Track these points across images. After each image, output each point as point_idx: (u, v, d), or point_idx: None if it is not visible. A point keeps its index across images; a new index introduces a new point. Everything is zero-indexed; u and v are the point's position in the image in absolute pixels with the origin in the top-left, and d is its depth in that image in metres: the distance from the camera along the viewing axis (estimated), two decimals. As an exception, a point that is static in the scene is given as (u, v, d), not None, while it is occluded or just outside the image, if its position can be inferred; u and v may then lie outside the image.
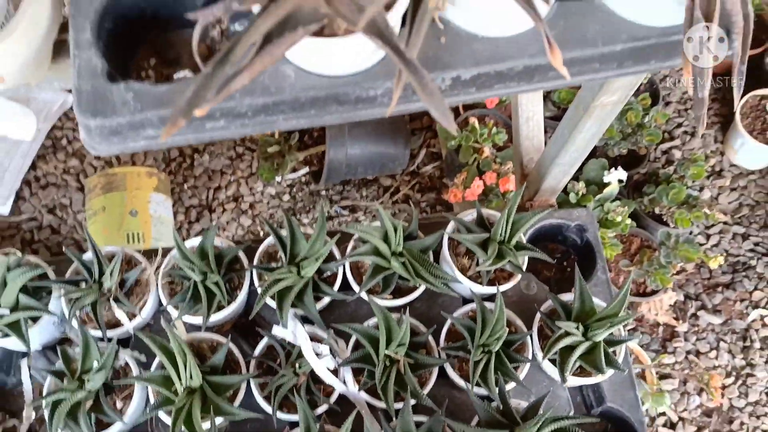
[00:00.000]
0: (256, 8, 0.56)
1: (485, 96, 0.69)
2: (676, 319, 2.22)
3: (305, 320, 1.13)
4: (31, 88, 0.70)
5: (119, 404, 1.09)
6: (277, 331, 1.10)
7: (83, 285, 1.10)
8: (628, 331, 2.19)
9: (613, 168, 1.79)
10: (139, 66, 0.74)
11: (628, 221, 1.86)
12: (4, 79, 0.62)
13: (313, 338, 1.12)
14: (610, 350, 1.12)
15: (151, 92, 0.63)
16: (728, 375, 2.13)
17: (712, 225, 2.26)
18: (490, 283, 1.18)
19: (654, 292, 2.05)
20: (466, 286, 1.17)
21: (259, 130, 0.67)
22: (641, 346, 2.17)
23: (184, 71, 0.74)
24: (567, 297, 1.18)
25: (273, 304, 1.10)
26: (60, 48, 0.73)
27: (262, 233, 2.21)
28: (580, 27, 0.68)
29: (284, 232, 1.15)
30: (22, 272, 1.06)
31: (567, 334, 1.09)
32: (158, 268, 1.15)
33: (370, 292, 1.15)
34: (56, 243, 2.14)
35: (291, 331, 1.10)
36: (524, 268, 1.17)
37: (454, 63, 0.66)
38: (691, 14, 0.62)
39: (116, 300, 1.10)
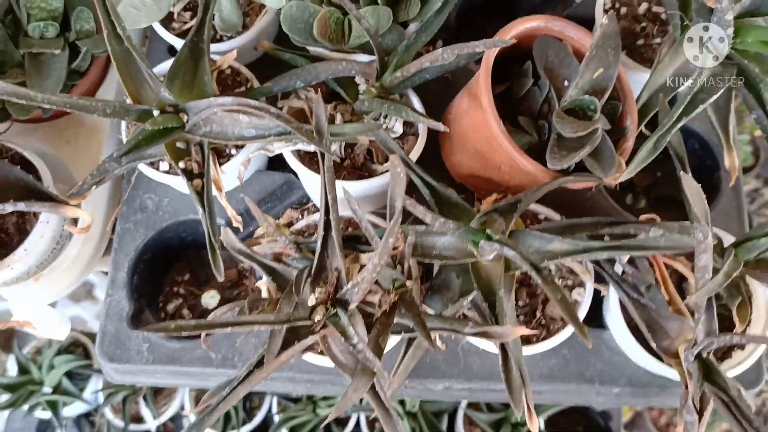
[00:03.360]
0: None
1: (478, 399, 0.71)
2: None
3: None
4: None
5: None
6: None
7: (120, 377, 1.20)
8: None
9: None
10: (173, 280, 0.80)
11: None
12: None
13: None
14: None
15: (164, 347, 0.69)
16: None
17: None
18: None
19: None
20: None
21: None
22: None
23: (212, 292, 0.80)
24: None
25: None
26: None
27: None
28: (582, 361, 0.68)
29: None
30: (68, 360, 1.17)
31: None
32: (189, 375, 1.22)
33: (377, 442, 1.19)
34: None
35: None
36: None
37: (449, 374, 0.68)
38: (686, 400, 0.61)
39: (145, 398, 1.19)
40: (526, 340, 0.64)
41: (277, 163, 0.77)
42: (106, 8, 0.59)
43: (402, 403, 1.15)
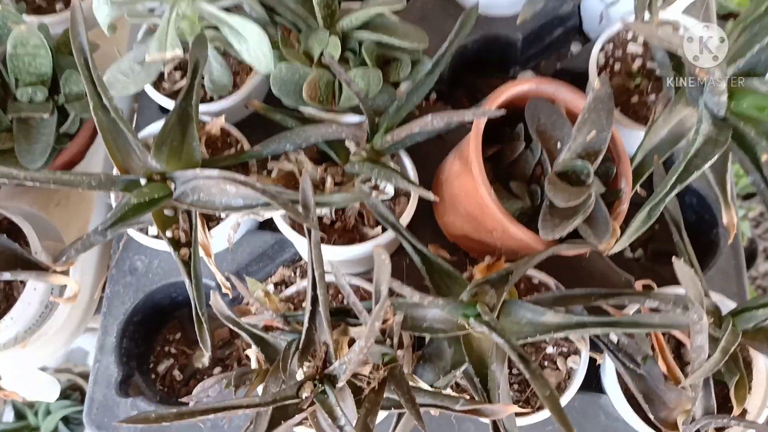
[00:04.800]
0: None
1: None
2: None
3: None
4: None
5: None
6: None
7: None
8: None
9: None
10: (164, 339, 0.79)
11: None
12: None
13: None
14: None
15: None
16: None
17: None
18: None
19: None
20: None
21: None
22: None
23: (202, 357, 0.79)
24: None
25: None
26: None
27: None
28: (580, 428, 0.67)
29: None
30: (64, 405, 1.16)
31: None
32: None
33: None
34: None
35: None
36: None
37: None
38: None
39: (142, 445, 1.18)
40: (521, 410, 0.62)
41: (267, 221, 0.76)
42: (92, 79, 0.59)
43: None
